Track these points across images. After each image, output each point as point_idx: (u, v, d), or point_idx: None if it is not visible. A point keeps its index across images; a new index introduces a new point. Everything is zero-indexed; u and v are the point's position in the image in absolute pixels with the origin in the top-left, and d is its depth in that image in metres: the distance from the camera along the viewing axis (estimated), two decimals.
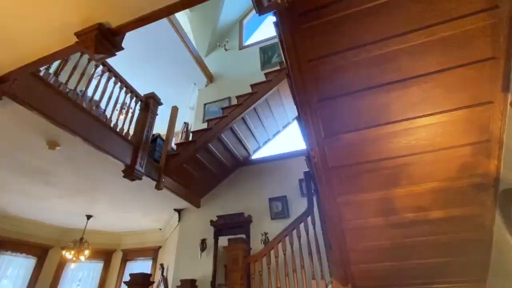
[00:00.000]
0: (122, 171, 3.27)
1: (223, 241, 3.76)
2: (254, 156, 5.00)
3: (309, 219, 2.81)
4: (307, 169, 3.21)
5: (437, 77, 1.53)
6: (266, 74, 4.16)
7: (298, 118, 1.86)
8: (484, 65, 1.45)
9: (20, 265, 5.23)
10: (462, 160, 1.75)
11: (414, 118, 1.66)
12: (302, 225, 2.80)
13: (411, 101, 1.63)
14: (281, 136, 5.20)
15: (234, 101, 4.40)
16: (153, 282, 3.14)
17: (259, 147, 5.04)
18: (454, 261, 2.12)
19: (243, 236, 3.93)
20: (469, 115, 1.61)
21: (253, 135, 4.68)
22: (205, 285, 3.89)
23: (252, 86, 4.10)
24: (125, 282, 3.00)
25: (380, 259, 2.21)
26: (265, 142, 5.09)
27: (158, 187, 3.74)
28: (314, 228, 2.75)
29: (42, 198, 4.23)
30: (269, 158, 4.79)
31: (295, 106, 1.91)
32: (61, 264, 5.62)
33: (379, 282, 2.32)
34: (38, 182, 3.71)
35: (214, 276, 3.91)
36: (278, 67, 4.25)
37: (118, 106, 3.53)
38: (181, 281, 3.81)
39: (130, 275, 2.99)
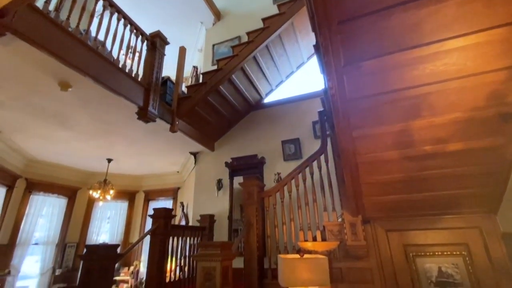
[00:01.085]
0: (136, 113, 3.30)
1: (238, 181, 3.94)
2: (267, 100, 4.91)
3: (322, 157, 2.84)
4: (321, 110, 3.14)
5: None
6: (279, 6, 3.79)
7: (316, 45, 1.72)
8: None
9: (54, 204, 5.78)
10: (492, 87, 1.62)
11: (446, 39, 1.50)
12: (315, 163, 2.85)
13: (444, 19, 1.45)
14: (295, 78, 4.99)
15: (245, 40, 4.13)
16: (174, 216, 3.40)
17: (271, 90, 4.91)
18: (467, 193, 2.15)
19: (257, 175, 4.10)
20: (510, 34, 1.43)
21: (265, 76, 4.51)
22: (222, 220, 4.23)
23: (264, 20, 3.79)
24: (149, 215, 3.26)
25: (392, 191, 2.25)
26: (278, 84, 4.93)
27: (172, 130, 3.80)
28: (327, 165, 2.80)
29: (63, 142, 4.43)
30: (282, 101, 4.69)
31: (313, 33, 1.75)
32: (90, 203, 6.17)
33: (389, 213, 2.42)
34: (56, 126, 3.83)
35: (230, 212, 4.21)
36: None
37: (124, 48, 3.39)
38: (201, 216, 4.14)
39: (154, 209, 3.24)
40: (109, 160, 5.29)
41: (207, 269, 1.76)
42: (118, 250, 2.51)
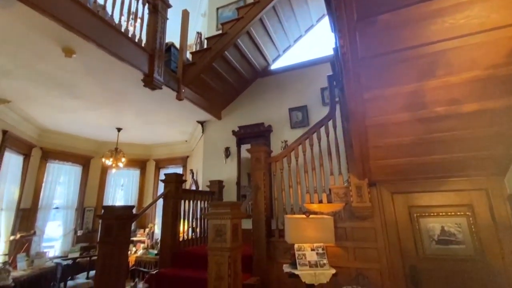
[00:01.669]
0: (142, 80, 3.27)
1: (246, 149, 3.98)
2: (274, 66, 4.77)
3: (330, 122, 2.82)
4: (331, 74, 3.05)
5: None
6: None
7: None
8: None
9: (69, 172, 6.03)
10: None
11: None
12: (322, 129, 2.83)
13: None
14: (303, 42, 4.79)
15: (251, 2, 3.91)
16: (185, 180, 3.51)
17: (278, 55, 4.75)
18: (476, 156, 2.12)
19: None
20: None
21: (272, 40, 4.33)
22: (231, 185, 4.36)
23: None
24: (161, 180, 3.38)
25: (400, 155, 2.25)
26: (286, 50, 4.75)
27: (178, 98, 3.79)
28: (335, 131, 2.78)
29: (72, 111, 4.48)
30: (289, 67, 4.55)
31: None
32: (104, 171, 6.40)
33: (396, 176, 2.44)
34: (64, 95, 3.86)
35: (238, 178, 4.32)
36: None
37: (125, 13, 3.25)
38: (210, 181, 4.27)
39: (165, 174, 3.36)
40: (119, 129, 5.37)
41: (218, 226, 1.86)
42: (134, 211, 2.64)
